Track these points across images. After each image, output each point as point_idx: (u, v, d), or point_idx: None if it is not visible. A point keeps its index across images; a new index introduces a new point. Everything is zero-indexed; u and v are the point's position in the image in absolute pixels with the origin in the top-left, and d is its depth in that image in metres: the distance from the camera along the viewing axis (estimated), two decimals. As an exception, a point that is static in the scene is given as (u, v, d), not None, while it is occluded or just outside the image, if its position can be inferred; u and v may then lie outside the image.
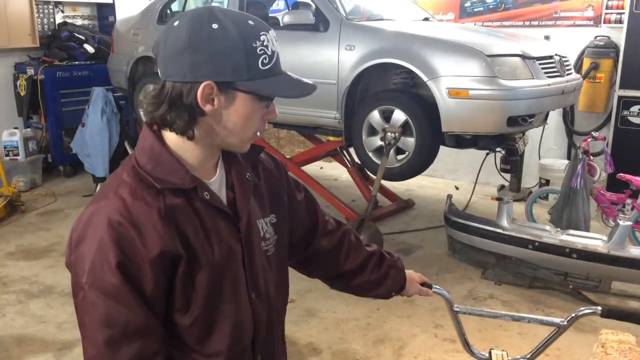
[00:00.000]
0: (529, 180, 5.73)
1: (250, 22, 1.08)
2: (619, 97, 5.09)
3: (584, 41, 5.39)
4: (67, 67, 6.22)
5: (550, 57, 4.19)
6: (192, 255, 1.10)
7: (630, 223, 3.81)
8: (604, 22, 5.32)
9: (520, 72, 3.87)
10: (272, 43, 1.10)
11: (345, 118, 4.34)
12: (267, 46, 1.08)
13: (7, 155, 5.83)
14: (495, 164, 5.11)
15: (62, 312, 3.49)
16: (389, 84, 4.44)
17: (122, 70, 5.73)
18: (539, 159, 5.58)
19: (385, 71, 4.38)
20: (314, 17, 4.39)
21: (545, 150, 5.71)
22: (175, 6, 5.71)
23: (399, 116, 4.04)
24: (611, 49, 5.22)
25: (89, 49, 6.50)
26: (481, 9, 5.97)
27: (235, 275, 1.17)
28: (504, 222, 3.97)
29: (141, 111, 5.35)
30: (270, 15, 5.52)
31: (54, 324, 3.38)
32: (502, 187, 5.75)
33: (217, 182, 1.18)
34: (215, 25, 1.05)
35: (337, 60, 4.27)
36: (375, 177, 4.31)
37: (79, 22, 6.96)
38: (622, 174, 4.33)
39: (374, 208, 4.43)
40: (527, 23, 5.74)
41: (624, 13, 5.09)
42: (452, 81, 3.79)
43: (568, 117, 5.60)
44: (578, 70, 5.23)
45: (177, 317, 1.12)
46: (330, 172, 6.49)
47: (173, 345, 1.12)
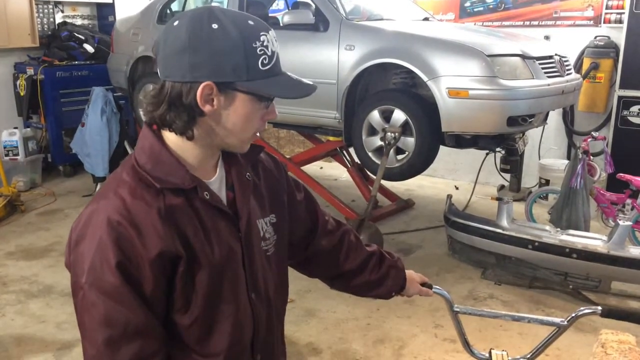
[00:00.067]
0: (528, 180, 5.73)
1: (250, 22, 1.08)
2: (619, 97, 5.09)
3: (583, 41, 5.39)
4: (67, 67, 6.22)
5: (550, 57, 4.18)
6: (191, 255, 1.10)
7: (630, 223, 3.80)
8: (604, 22, 5.32)
9: (520, 72, 3.86)
10: (272, 43, 1.10)
11: (345, 118, 4.34)
12: (267, 46, 1.08)
13: (6, 155, 5.83)
14: (495, 164, 5.11)
15: (62, 312, 3.49)
16: (389, 84, 4.44)
17: (122, 70, 5.73)
18: (539, 159, 5.58)
19: (385, 71, 4.38)
20: (314, 17, 4.39)
21: (545, 150, 5.71)
22: (175, 6, 5.71)
23: (398, 116, 4.04)
24: (611, 49, 5.22)
25: (89, 48, 6.49)
26: (481, 8, 5.97)
27: (235, 275, 1.17)
28: (504, 222, 3.97)
29: (141, 111, 5.35)
30: (270, 15, 5.52)
31: (53, 323, 3.38)
32: (502, 187, 5.75)
33: (217, 182, 1.18)
34: (215, 25, 1.05)
35: (337, 60, 4.27)
36: (375, 177, 4.30)
37: (78, 21, 6.96)
38: (622, 174, 4.33)
39: (373, 208, 4.43)
40: (527, 23, 5.74)
41: (624, 13, 5.09)
42: (452, 81, 3.79)
43: (568, 117, 5.60)
44: (578, 70, 5.23)
45: (176, 317, 1.12)
46: (330, 172, 6.49)
47: (173, 345, 1.12)
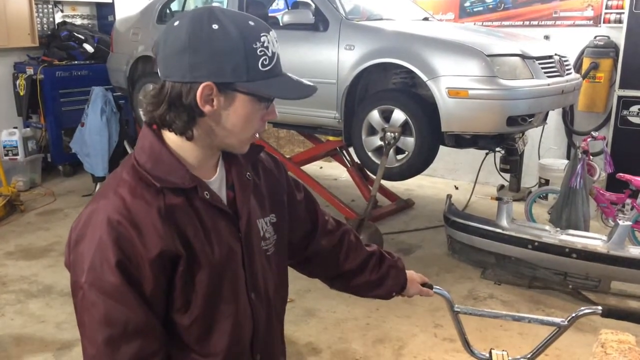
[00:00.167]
0: (528, 180, 5.73)
1: (251, 22, 1.08)
2: (619, 97, 5.09)
3: (583, 41, 5.39)
4: (67, 66, 6.22)
5: (550, 56, 4.18)
6: (191, 254, 1.10)
7: (629, 223, 3.80)
8: (604, 22, 5.32)
9: (520, 71, 3.86)
10: (273, 44, 1.09)
11: (344, 118, 4.34)
12: (267, 47, 1.08)
13: (6, 155, 5.82)
14: (494, 164, 5.10)
15: (62, 311, 3.49)
16: (389, 84, 4.44)
17: (122, 70, 5.72)
18: (539, 159, 5.58)
19: (385, 71, 4.38)
20: (314, 16, 4.39)
21: (545, 150, 5.71)
22: (174, 6, 5.71)
23: (398, 116, 4.04)
24: (611, 48, 5.22)
25: (89, 48, 6.49)
26: (481, 8, 5.97)
27: (234, 274, 1.17)
28: (504, 222, 3.97)
29: (141, 111, 5.34)
30: (270, 14, 5.52)
31: (53, 323, 3.38)
32: (501, 187, 5.75)
33: (217, 182, 1.18)
34: (216, 25, 1.05)
35: (336, 59, 4.27)
36: (374, 177, 4.30)
37: (78, 21, 6.95)
38: (621, 174, 4.33)
39: (373, 208, 4.43)
40: (526, 23, 5.74)
41: (623, 13, 5.08)
42: (452, 81, 3.79)
43: (568, 117, 5.60)
44: (578, 70, 5.23)
45: (176, 316, 1.12)
46: (330, 172, 6.49)
47: (172, 345, 1.12)
